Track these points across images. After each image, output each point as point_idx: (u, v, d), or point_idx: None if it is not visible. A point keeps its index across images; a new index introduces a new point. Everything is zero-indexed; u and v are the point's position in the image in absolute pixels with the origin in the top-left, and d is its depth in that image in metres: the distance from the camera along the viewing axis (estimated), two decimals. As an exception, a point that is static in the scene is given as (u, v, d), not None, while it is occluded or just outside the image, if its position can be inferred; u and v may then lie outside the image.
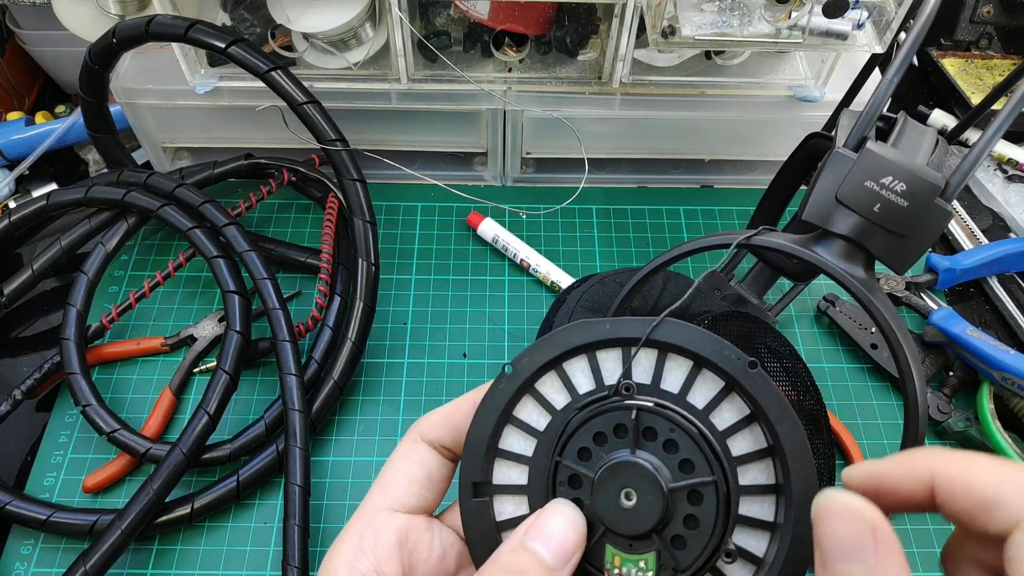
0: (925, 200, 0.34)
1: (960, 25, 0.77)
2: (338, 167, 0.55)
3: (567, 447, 0.28)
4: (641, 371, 0.29)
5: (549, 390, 0.30)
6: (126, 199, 0.56)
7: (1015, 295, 0.62)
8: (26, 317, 0.61)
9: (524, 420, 0.29)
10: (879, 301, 0.34)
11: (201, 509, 0.49)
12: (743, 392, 0.28)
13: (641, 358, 0.29)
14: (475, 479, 0.29)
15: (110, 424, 0.51)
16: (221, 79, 0.60)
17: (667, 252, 0.37)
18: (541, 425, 0.29)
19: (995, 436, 0.51)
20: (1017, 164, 0.69)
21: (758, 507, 0.28)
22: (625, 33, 0.56)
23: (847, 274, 0.35)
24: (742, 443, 0.28)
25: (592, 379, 0.29)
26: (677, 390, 0.29)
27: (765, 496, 0.28)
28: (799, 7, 0.50)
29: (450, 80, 0.60)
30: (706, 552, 0.27)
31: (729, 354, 0.28)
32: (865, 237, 0.35)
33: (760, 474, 0.28)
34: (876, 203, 0.35)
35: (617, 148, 0.66)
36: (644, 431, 0.28)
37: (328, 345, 0.54)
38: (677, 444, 0.27)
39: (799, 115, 0.62)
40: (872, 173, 0.35)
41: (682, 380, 0.29)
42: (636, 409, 0.28)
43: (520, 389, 0.29)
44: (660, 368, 0.29)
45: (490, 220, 0.64)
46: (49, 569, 0.49)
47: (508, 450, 0.29)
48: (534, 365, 0.29)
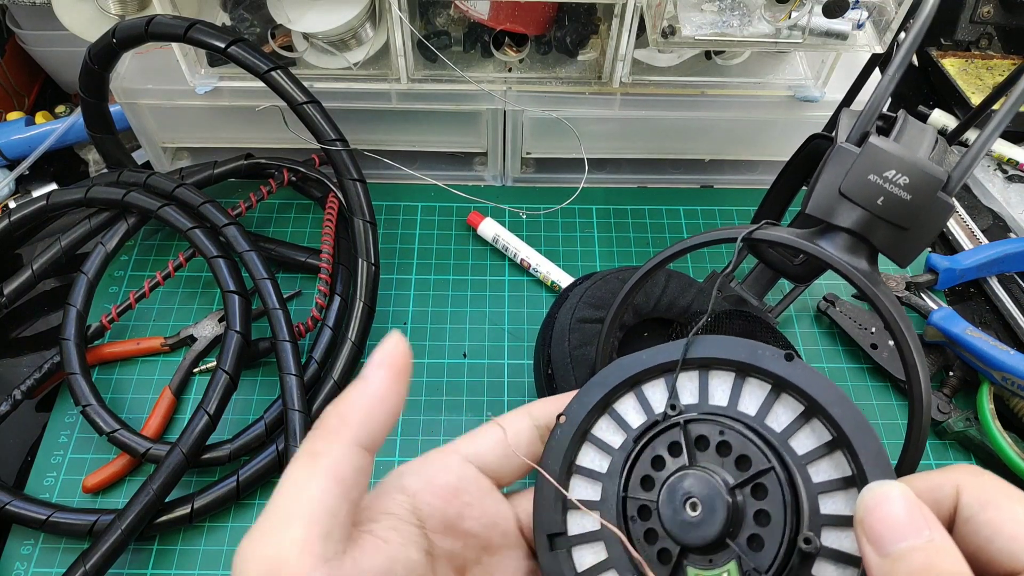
0: (928, 193, 0.34)
1: (960, 25, 0.77)
2: (338, 167, 0.55)
3: (630, 481, 0.28)
4: (687, 393, 0.29)
5: (604, 433, 0.30)
6: (126, 199, 0.56)
7: (1015, 295, 0.62)
8: (26, 317, 0.61)
9: (587, 466, 0.30)
10: (883, 294, 0.34)
11: (201, 509, 0.49)
12: (792, 389, 0.27)
13: (685, 381, 0.29)
14: (550, 531, 0.29)
15: (110, 424, 0.51)
16: (221, 79, 0.60)
17: (670, 247, 0.37)
18: (604, 467, 0.30)
19: (995, 436, 0.51)
20: (1017, 164, 0.69)
21: (842, 503, 0.26)
22: (625, 33, 0.56)
23: (851, 267, 0.35)
24: (805, 441, 0.27)
25: (643, 411, 0.30)
26: (726, 403, 0.28)
27: (846, 490, 0.26)
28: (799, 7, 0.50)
29: (450, 80, 0.60)
30: (784, 546, 0.25)
31: (764, 353, 0.28)
32: (868, 230, 0.35)
33: (833, 469, 0.27)
34: (879, 196, 0.35)
35: (617, 148, 0.66)
36: (696, 441, 0.28)
37: (328, 345, 0.54)
38: (729, 444, 0.27)
39: (799, 115, 0.62)
40: (875, 167, 0.35)
41: (728, 392, 0.29)
42: (683, 422, 0.28)
43: (576, 437, 0.30)
44: (704, 386, 0.29)
45: (490, 220, 0.64)
46: (49, 569, 0.49)
47: (578, 499, 0.29)
48: (584, 411, 0.30)
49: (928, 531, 0.22)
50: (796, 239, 0.36)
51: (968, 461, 0.54)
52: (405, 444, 0.54)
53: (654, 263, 0.37)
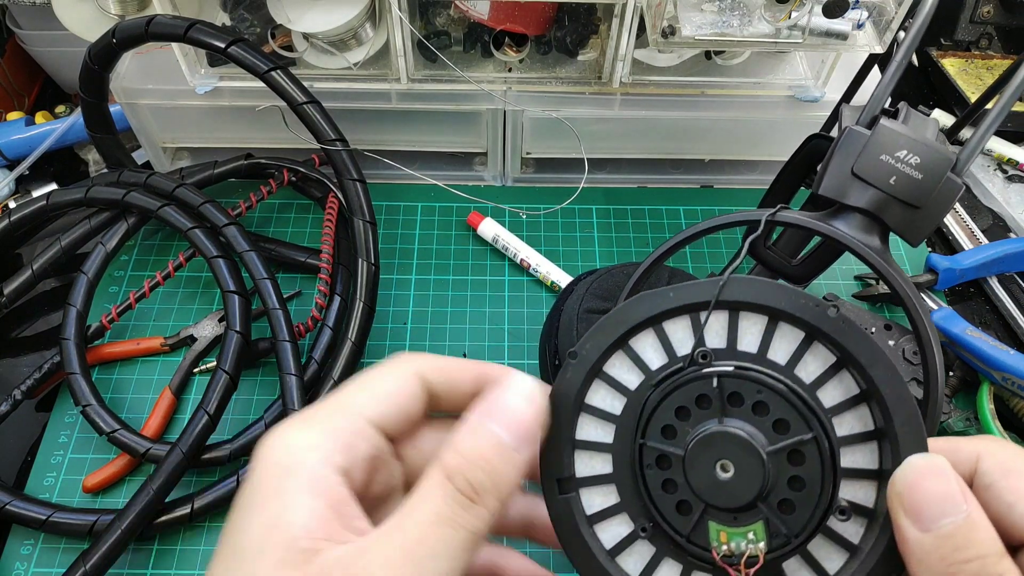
0: (939, 172, 0.35)
1: (960, 25, 0.77)
2: (338, 167, 0.55)
3: (649, 427, 0.27)
4: (714, 335, 0.27)
5: (619, 371, 0.28)
6: (126, 199, 0.56)
7: (1015, 295, 0.62)
8: (26, 317, 0.61)
9: (598, 407, 0.28)
10: (896, 271, 0.35)
11: (201, 509, 0.49)
12: (826, 339, 0.26)
13: (712, 322, 0.27)
14: (559, 475, 0.28)
15: (110, 424, 0.51)
16: (221, 79, 0.60)
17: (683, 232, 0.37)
18: (617, 409, 0.28)
19: (995, 436, 0.51)
20: (1017, 164, 0.69)
21: (860, 456, 0.26)
22: (625, 33, 0.56)
23: (865, 246, 0.35)
24: (833, 392, 0.27)
25: (663, 352, 0.28)
26: (756, 349, 0.27)
27: (866, 444, 0.26)
28: (799, 7, 0.50)
29: (450, 80, 0.60)
30: (817, 512, 0.25)
31: (805, 302, 0.26)
32: (881, 209, 0.35)
33: (857, 422, 0.26)
34: (892, 176, 0.35)
35: (617, 148, 0.66)
36: (729, 397, 0.26)
37: (328, 345, 0.54)
38: (767, 405, 0.26)
39: (799, 115, 0.62)
40: (887, 147, 0.35)
41: (759, 338, 0.27)
42: (716, 376, 0.26)
43: (589, 375, 0.28)
44: (734, 329, 0.27)
45: (490, 220, 0.64)
46: (49, 569, 0.49)
47: (587, 440, 0.28)
48: (600, 348, 0.28)
49: (965, 505, 0.22)
50: (810, 220, 0.36)
51: (968, 461, 0.54)
52: (405, 444, 0.54)
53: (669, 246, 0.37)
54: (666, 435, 0.27)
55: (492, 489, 0.24)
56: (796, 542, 0.25)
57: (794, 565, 0.26)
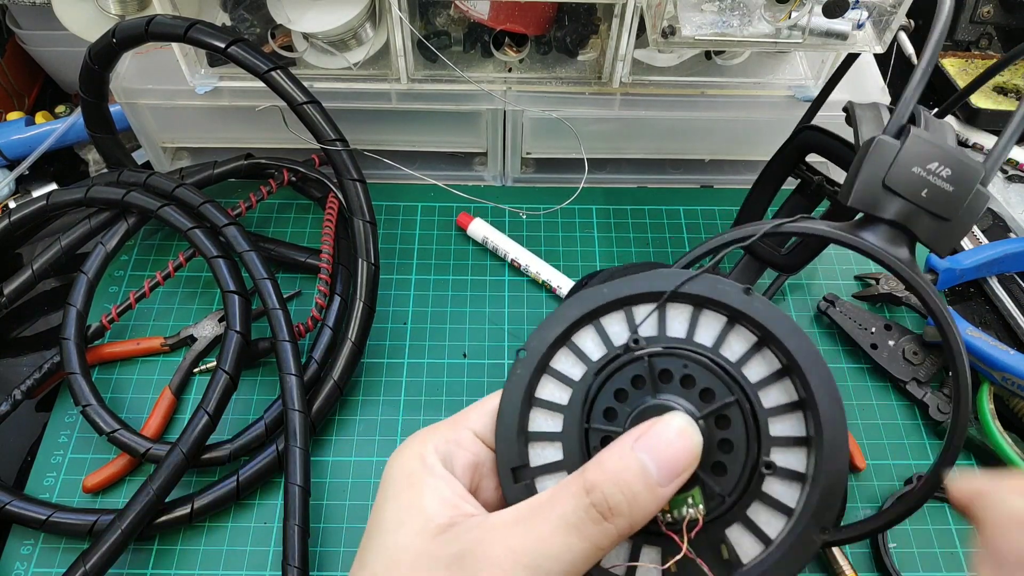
0: (970, 184, 0.35)
1: (960, 25, 0.77)
2: (338, 167, 0.55)
3: (593, 412, 0.29)
4: (647, 326, 0.30)
5: (564, 365, 0.31)
6: (126, 199, 0.56)
7: (1015, 295, 0.62)
8: (26, 317, 0.61)
9: (547, 399, 0.30)
10: (926, 283, 0.35)
11: (201, 509, 0.49)
12: (747, 320, 0.29)
13: (643, 313, 0.30)
14: (513, 464, 0.30)
15: (110, 424, 0.51)
16: (221, 79, 0.60)
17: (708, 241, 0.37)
18: (564, 400, 0.30)
19: (995, 436, 0.51)
20: (1017, 164, 0.69)
21: (790, 425, 0.29)
22: (625, 33, 0.56)
23: (895, 258, 0.35)
24: (758, 369, 0.29)
25: (603, 344, 0.30)
26: (684, 334, 0.30)
27: (793, 413, 0.29)
28: (799, 7, 0.50)
29: (450, 80, 0.60)
30: (746, 471, 0.28)
31: (725, 287, 0.29)
32: (911, 220, 0.36)
33: (782, 394, 0.29)
34: (924, 188, 0.35)
35: (617, 148, 0.66)
36: (660, 375, 0.29)
37: (328, 345, 0.54)
38: (693, 377, 0.28)
39: (799, 115, 0.61)
40: (919, 159, 0.35)
41: (687, 324, 0.30)
42: (647, 356, 0.29)
43: (537, 370, 0.30)
44: (663, 318, 0.30)
45: (479, 221, 0.63)
46: (49, 569, 0.49)
47: (539, 431, 0.30)
48: (544, 345, 0.30)
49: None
50: (837, 232, 0.36)
51: (968, 461, 0.54)
52: (405, 444, 0.54)
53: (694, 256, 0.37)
54: (608, 417, 0.29)
55: (627, 513, 0.24)
56: (730, 501, 0.28)
57: (737, 532, 0.29)
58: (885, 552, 0.49)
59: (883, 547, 0.49)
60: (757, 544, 0.29)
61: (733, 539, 0.29)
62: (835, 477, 0.28)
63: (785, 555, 0.28)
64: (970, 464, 0.54)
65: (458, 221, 0.64)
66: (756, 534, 0.29)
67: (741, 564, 0.28)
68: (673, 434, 0.26)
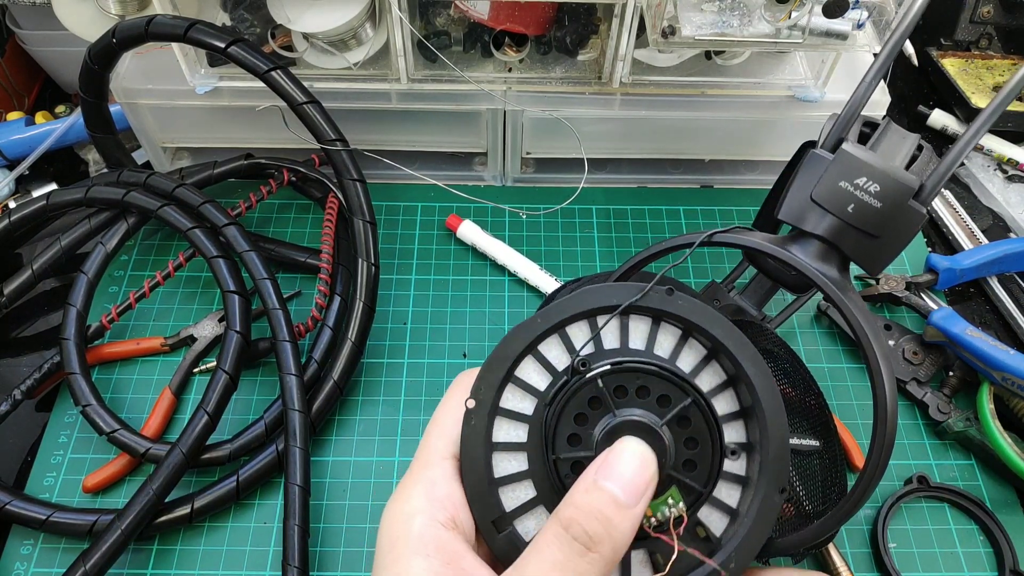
0: (899, 201, 0.35)
1: (960, 25, 0.77)
2: (338, 167, 0.55)
3: (556, 442, 0.29)
4: (581, 343, 0.31)
5: (514, 402, 0.31)
6: (126, 199, 0.56)
7: (1015, 295, 0.62)
8: (26, 317, 0.61)
9: (505, 440, 0.31)
10: (851, 301, 0.35)
11: (201, 509, 0.49)
12: (671, 317, 0.31)
13: (577, 333, 0.31)
14: (491, 518, 0.30)
15: (110, 424, 0.51)
16: (221, 79, 0.60)
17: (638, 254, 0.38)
18: (523, 437, 0.31)
19: (995, 436, 0.51)
20: (1017, 164, 0.69)
21: (726, 403, 0.31)
22: (625, 33, 0.56)
23: (820, 273, 0.35)
24: (688, 359, 0.31)
25: (546, 373, 0.31)
26: (619, 345, 0.31)
27: (726, 391, 0.31)
28: (799, 7, 0.50)
29: (450, 80, 0.60)
30: (715, 461, 0.29)
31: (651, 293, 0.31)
32: (838, 237, 0.36)
33: (714, 376, 0.31)
34: (850, 203, 0.35)
35: (617, 148, 0.66)
36: (615, 391, 0.29)
37: (328, 345, 0.54)
38: (648, 388, 0.29)
39: (799, 115, 0.62)
40: (847, 174, 0.36)
41: (618, 335, 0.31)
42: (598, 377, 0.29)
43: (490, 416, 0.30)
44: (596, 334, 0.31)
45: (469, 223, 0.63)
46: (49, 569, 0.49)
47: (506, 474, 0.30)
48: (492, 388, 0.31)
49: None
50: (766, 244, 0.37)
51: (968, 461, 0.54)
52: (405, 444, 0.54)
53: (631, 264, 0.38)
54: (573, 443, 0.29)
55: (607, 539, 0.26)
56: (707, 491, 0.29)
57: (706, 512, 0.31)
58: (885, 552, 0.49)
59: (883, 547, 0.50)
60: (724, 517, 0.30)
61: (704, 518, 0.30)
62: (779, 442, 0.30)
63: (754, 521, 0.29)
64: (970, 464, 0.54)
65: (447, 224, 0.64)
66: (722, 509, 0.30)
67: (718, 539, 0.30)
68: (628, 457, 0.27)
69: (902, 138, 0.38)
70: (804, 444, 0.45)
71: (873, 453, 0.34)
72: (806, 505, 0.43)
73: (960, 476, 0.53)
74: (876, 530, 0.50)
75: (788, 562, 0.46)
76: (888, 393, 0.33)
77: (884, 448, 0.33)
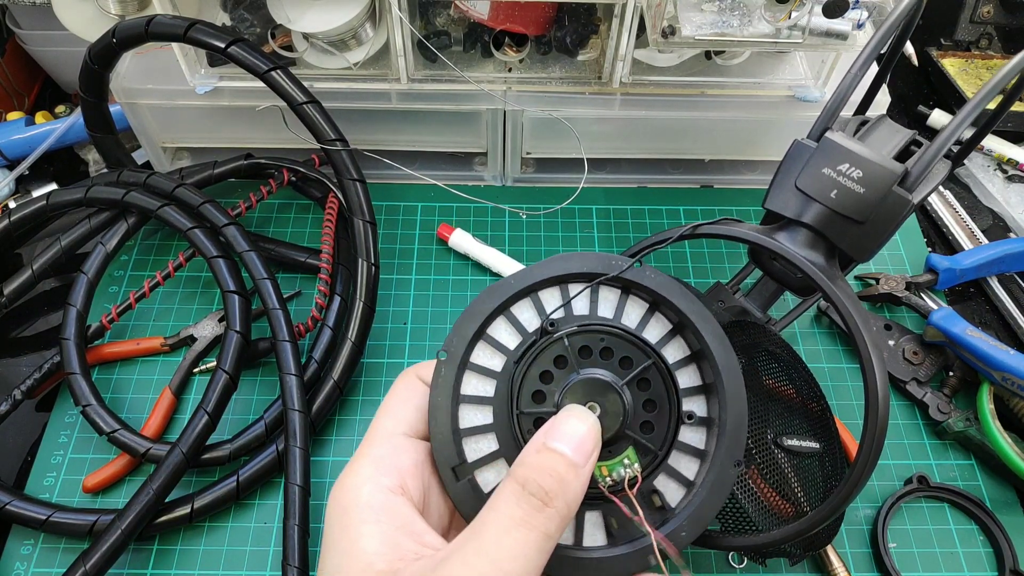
0: (882, 187, 0.35)
1: (960, 25, 0.77)
2: (338, 167, 0.55)
3: (521, 398, 0.31)
4: (551, 307, 0.32)
5: (484, 358, 0.32)
6: (126, 199, 0.56)
7: (1015, 295, 0.62)
8: (26, 317, 0.61)
9: (472, 393, 0.32)
10: (839, 289, 0.35)
11: (201, 509, 0.49)
12: (640, 288, 0.32)
13: (549, 297, 0.33)
14: (452, 464, 0.31)
15: (110, 424, 0.51)
16: (221, 79, 0.60)
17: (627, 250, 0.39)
18: (490, 392, 0.32)
19: (995, 436, 0.51)
20: (1017, 164, 0.69)
21: (688, 377, 0.32)
22: (625, 33, 0.56)
23: (806, 260, 0.35)
24: (655, 330, 0.32)
25: (517, 332, 0.32)
26: (588, 311, 0.32)
27: (689, 365, 0.32)
28: (799, 7, 0.50)
29: (450, 80, 0.60)
30: (671, 424, 0.30)
31: (616, 263, 0.32)
32: (824, 225, 0.36)
33: (678, 350, 0.32)
34: (833, 189, 0.36)
35: (617, 148, 0.66)
36: (580, 351, 0.31)
37: (328, 345, 0.54)
38: (612, 349, 0.31)
39: (799, 115, 0.62)
40: (829, 160, 0.36)
41: (588, 302, 0.32)
42: (565, 336, 0.30)
43: (459, 369, 0.31)
44: (567, 299, 0.32)
45: (459, 232, 0.63)
46: (49, 569, 0.49)
47: (470, 426, 0.31)
48: (463, 343, 0.32)
49: None
50: (751, 233, 0.37)
51: (968, 461, 0.54)
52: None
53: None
54: (537, 400, 0.31)
55: (561, 495, 0.27)
56: (662, 454, 0.30)
57: (662, 481, 0.31)
58: (885, 552, 0.49)
59: (883, 547, 0.50)
60: (681, 488, 0.31)
61: (660, 487, 0.31)
62: (737, 416, 0.30)
63: (709, 492, 0.30)
64: (970, 464, 0.54)
65: (438, 234, 0.63)
66: (679, 480, 0.31)
67: (672, 509, 0.31)
68: (574, 421, 0.28)
69: (895, 131, 0.38)
70: (805, 446, 0.45)
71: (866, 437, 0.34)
72: (806, 506, 0.43)
73: (960, 476, 0.53)
74: (876, 530, 0.50)
75: (785, 564, 0.46)
76: (879, 377, 0.34)
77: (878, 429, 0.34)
